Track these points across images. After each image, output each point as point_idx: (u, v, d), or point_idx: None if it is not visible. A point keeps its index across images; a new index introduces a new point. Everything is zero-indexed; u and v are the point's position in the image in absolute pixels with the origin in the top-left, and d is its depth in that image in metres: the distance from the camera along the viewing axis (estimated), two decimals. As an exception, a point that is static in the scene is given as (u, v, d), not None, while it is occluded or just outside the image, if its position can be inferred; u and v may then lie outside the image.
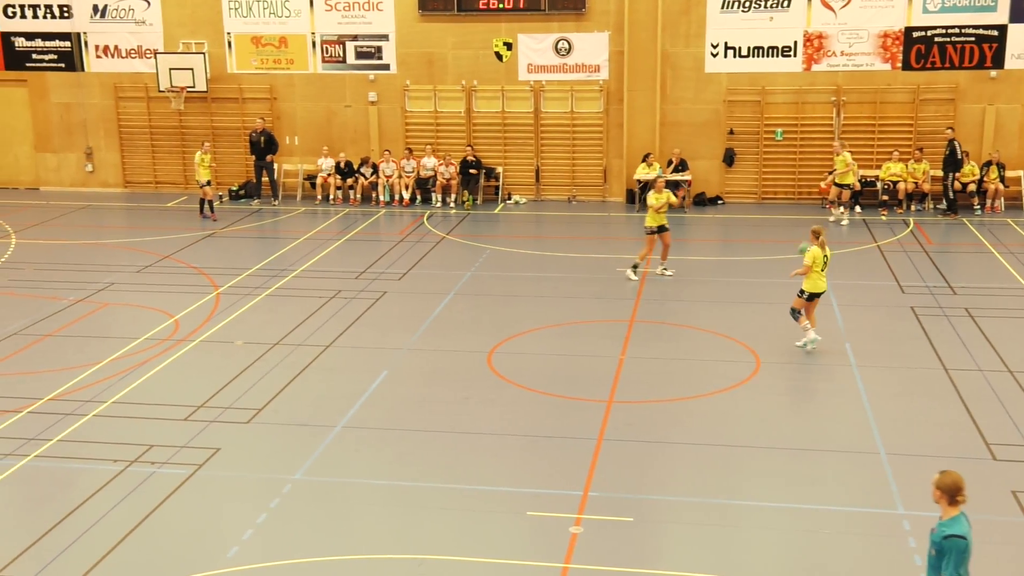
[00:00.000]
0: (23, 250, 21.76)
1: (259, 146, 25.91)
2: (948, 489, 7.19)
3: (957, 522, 7.16)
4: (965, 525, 7.16)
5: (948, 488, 7.19)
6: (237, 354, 15.26)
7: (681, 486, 11.24)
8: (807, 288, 15.02)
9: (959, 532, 7.08)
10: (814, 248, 14.94)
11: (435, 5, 25.70)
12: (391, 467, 11.68)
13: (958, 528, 7.12)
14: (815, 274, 14.93)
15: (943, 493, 7.22)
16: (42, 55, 27.74)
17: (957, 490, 7.17)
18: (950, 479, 7.21)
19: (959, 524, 7.14)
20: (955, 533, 7.08)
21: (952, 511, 7.20)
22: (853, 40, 24.62)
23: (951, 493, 7.18)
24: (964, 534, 7.08)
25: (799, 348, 15.08)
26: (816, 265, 14.89)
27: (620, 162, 25.84)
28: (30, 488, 11.28)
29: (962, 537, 7.06)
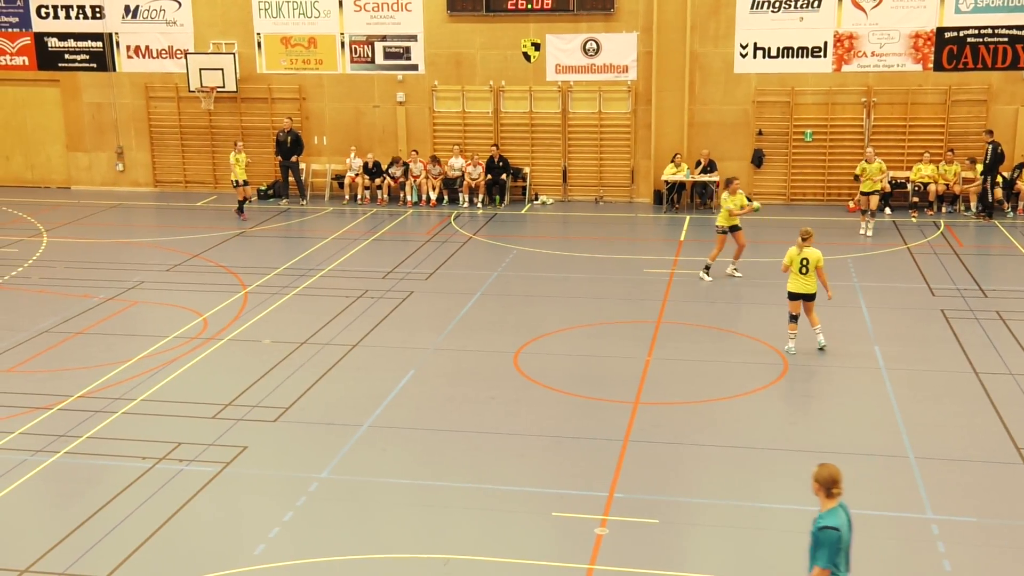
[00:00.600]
0: (54, 248, 21.98)
1: (285, 146, 26.05)
2: (824, 482, 7.32)
3: (833, 514, 7.28)
4: (841, 517, 7.28)
5: (824, 481, 7.32)
6: (265, 353, 15.34)
7: (707, 488, 11.19)
8: (788, 287, 15.03)
9: (833, 524, 7.21)
10: (791, 249, 14.96)
11: (464, 5, 25.74)
12: (417, 466, 11.70)
13: (832, 520, 7.24)
14: (794, 274, 14.90)
15: (820, 486, 7.35)
16: (74, 55, 28.02)
17: (833, 483, 7.29)
18: (827, 472, 7.34)
19: (834, 516, 7.26)
20: (829, 525, 7.21)
21: (829, 503, 7.33)
22: (884, 40, 24.44)
23: (827, 486, 7.31)
24: (838, 526, 7.19)
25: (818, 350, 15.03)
26: (792, 266, 14.86)
27: (648, 163, 25.77)
28: (60, 484, 11.39)
29: (835, 529, 7.18)
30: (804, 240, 14.84)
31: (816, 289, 14.93)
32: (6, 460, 11.82)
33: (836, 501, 7.34)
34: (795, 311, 14.96)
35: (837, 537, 7.20)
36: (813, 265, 14.80)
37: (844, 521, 7.31)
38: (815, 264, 14.80)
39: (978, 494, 10.89)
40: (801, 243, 14.83)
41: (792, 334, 15.01)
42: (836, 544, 7.21)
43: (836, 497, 7.34)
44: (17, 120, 28.83)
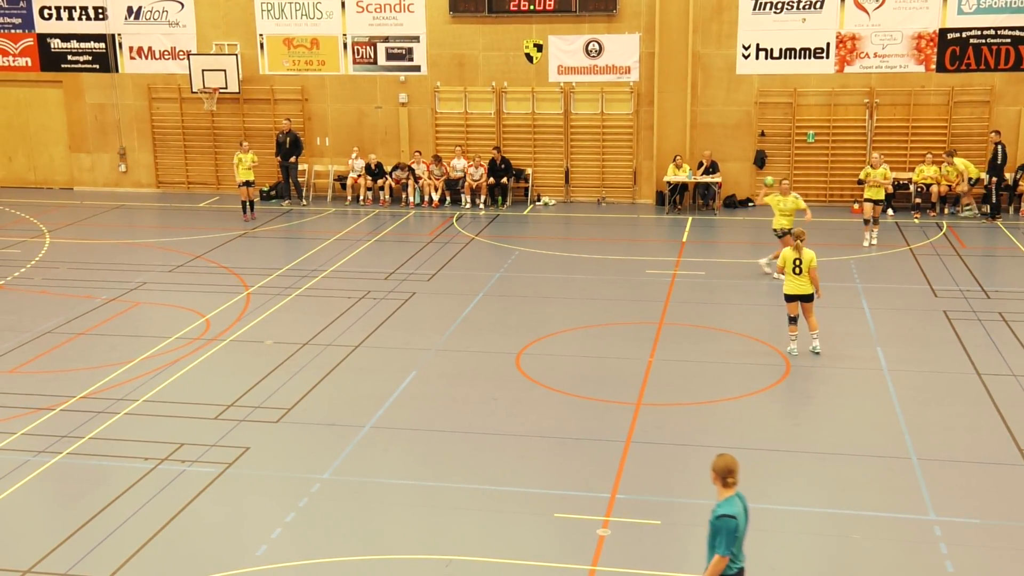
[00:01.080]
0: (57, 249, 21.99)
1: (284, 147, 26.07)
2: (720, 472, 7.53)
3: (730, 503, 7.48)
4: (737, 506, 7.48)
5: (720, 471, 7.53)
6: (267, 354, 15.35)
7: (710, 489, 11.10)
8: (784, 290, 15.03)
9: (730, 512, 7.41)
10: (785, 249, 14.95)
11: (466, 7, 25.74)
12: (419, 467, 11.70)
13: (729, 508, 7.44)
14: (788, 275, 14.87)
15: (717, 475, 7.56)
16: (77, 56, 28.05)
17: (728, 473, 7.50)
18: (722, 462, 7.55)
19: (731, 505, 7.46)
20: (726, 513, 7.41)
21: (726, 492, 7.54)
22: (887, 42, 24.43)
23: (723, 476, 7.52)
24: (734, 514, 7.39)
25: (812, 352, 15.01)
26: (786, 267, 14.84)
27: (650, 164, 25.76)
28: (63, 485, 11.40)
29: (732, 517, 7.37)
30: (798, 241, 14.81)
31: (811, 290, 14.92)
32: (9, 461, 11.83)
33: (733, 490, 7.54)
34: (793, 312, 14.94)
35: (735, 525, 7.37)
36: (806, 266, 14.77)
37: (740, 510, 7.50)
38: (808, 265, 14.76)
39: (980, 495, 10.88)
40: (795, 244, 14.81)
41: (793, 336, 14.98)
42: (734, 532, 7.38)
43: (732, 487, 7.53)
44: (20, 121, 28.87)
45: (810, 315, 15.00)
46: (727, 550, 7.37)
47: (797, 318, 14.97)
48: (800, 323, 15.04)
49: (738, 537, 7.42)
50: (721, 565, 7.41)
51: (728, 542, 7.36)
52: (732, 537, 7.36)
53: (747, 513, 7.60)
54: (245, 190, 24.49)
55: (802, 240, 14.79)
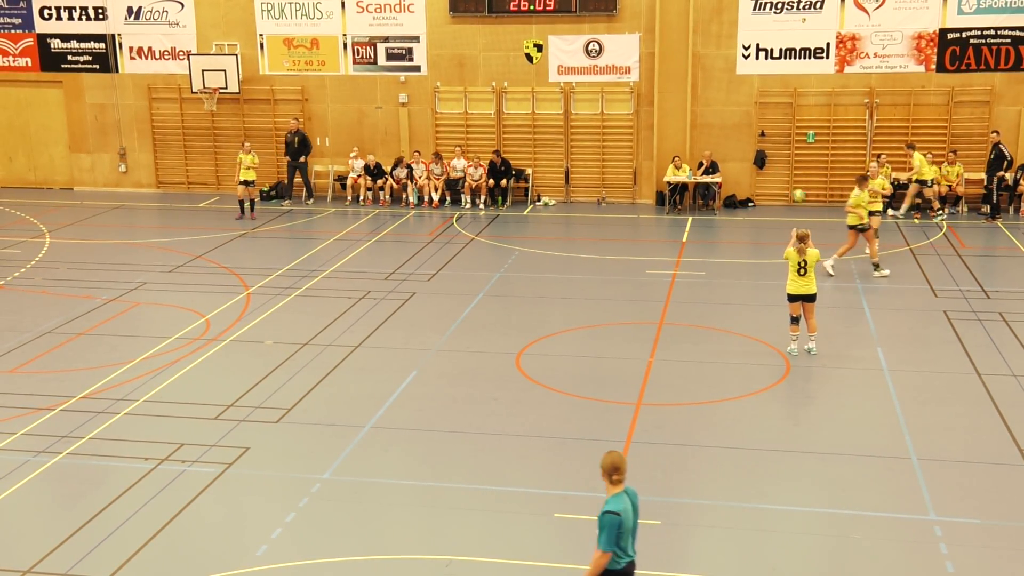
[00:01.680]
0: (57, 249, 21.99)
1: (293, 147, 26.08)
2: (607, 469, 7.63)
3: (617, 499, 7.58)
4: (623, 502, 7.58)
5: (607, 468, 7.63)
6: (267, 354, 15.35)
7: (710, 489, 11.19)
8: (787, 290, 14.97)
9: (614, 508, 7.51)
10: (788, 249, 14.91)
11: (466, 7, 25.74)
12: (419, 467, 11.70)
13: (614, 505, 7.54)
14: (792, 275, 14.84)
15: (604, 473, 7.66)
16: (77, 56, 28.04)
17: (614, 470, 7.61)
18: (608, 459, 7.65)
19: (617, 501, 7.57)
20: (609, 509, 7.52)
21: (613, 489, 7.64)
22: (887, 42, 24.43)
23: (609, 473, 7.62)
24: (618, 511, 7.50)
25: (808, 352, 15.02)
26: (792, 267, 14.81)
27: (650, 164, 25.76)
28: (63, 485, 11.40)
29: (615, 513, 7.48)
30: (802, 241, 14.80)
31: (816, 290, 14.92)
32: (9, 461, 11.83)
33: (620, 487, 7.64)
34: (796, 313, 14.93)
35: (619, 521, 7.48)
36: (812, 265, 14.79)
37: (627, 506, 7.61)
38: (814, 264, 14.78)
39: (981, 496, 10.88)
40: (800, 244, 14.79)
41: (794, 336, 14.98)
42: (617, 528, 7.49)
43: (619, 483, 7.64)
44: (20, 121, 28.86)
45: (811, 316, 14.99)
46: (608, 546, 7.49)
47: (799, 318, 14.96)
48: (800, 323, 15.03)
49: (623, 533, 7.54)
50: (602, 561, 7.54)
51: (610, 538, 7.48)
52: (614, 533, 7.48)
53: (636, 509, 7.72)
54: (244, 189, 24.51)
55: (806, 241, 14.78)
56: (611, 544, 7.47)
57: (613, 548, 7.48)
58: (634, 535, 7.72)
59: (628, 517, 7.58)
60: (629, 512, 7.60)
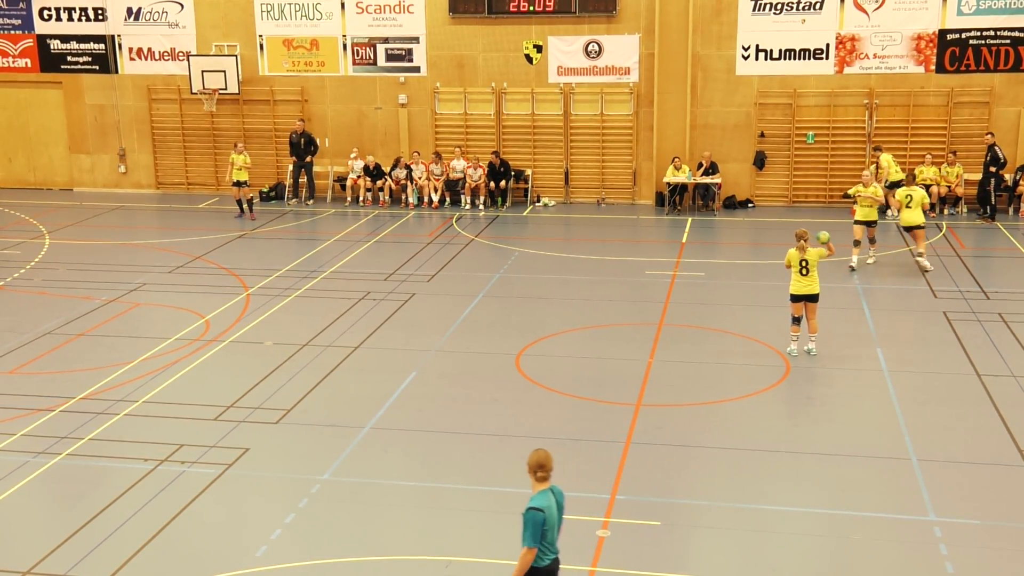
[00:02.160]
0: (56, 250, 21.99)
1: (299, 147, 26.09)
2: (532, 466, 7.75)
3: (541, 496, 7.69)
4: (547, 499, 7.68)
5: (532, 465, 7.75)
6: (267, 355, 15.35)
7: (709, 490, 11.18)
8: (790, 290, 14.92)
9: (537, 505, 7.61)
10: (791, 250, 14.87)
11: (466, 7, 25.74)
12: (419, 468, 11.70)
13: (538, 501, 7.64)
14: (795, 276, 14.81)
15: (529, 470, 7.78)
16: (77, 57, 28.04)
17: (539, 467, 7.71)
18: (535, 457, 7.76)
19: (541, 498, 7.67)
20: (533, 506, 7.62)
21: (539, 486, 7.75)
22: (886, 43, 24.44)
23: (534, 470, 7.73)
24: (542, 507, 7.59)
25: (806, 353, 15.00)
26: (793, 268, 14.78)
27: (650, 165, 25.76)
28: (62, 486, 11.40)
29: (539, 510, 7.58)
30: (802, 241, 14.80)
31: (818, 289, 14.92)
32: (8, 462, 11.83)
33: (546, 484, 7.75)
34: (797, 313, 14.93)
35: (542, 518, 7.58)
36: (814, 264, 14.79)
37: (552, 503, 7.70)
38: (815, 263, 14.79)
39: (981, 496, 10.88)
40: (800, 244, 14.79)
41: (794, 336, 14.98)
42: (540, 525, 7.58)
43: (544, 480, 7.73)
44: (20, 122, 28.86)
45: (813, 316, 14.99)
46: (532, 542, 7.59)
47: (800, 319, 14.95)
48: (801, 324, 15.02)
49: (547, 530, 7.63)
50: (528, 557, 7.63)
51: (534, 534, 7.57)
52: (538, 530, 7.57)
53: (561, 506, 7.83)
54: (237, 190, 24.55)
55: (806, 240, 14.78)
56: (535, 540, 7.58)
57: (538, 544, 7.60)
58: (558, 532, 7.84)
59: (552, 514, 7.70)
60: (553, 509, 7.72)
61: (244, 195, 24.69)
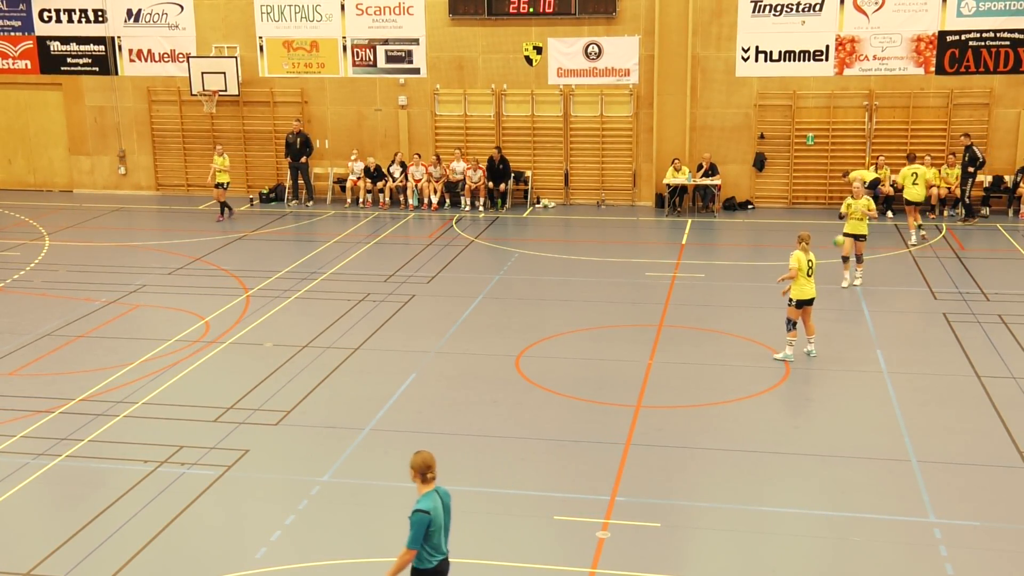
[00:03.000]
0: (56, 252, 21.99)
1: (295, 148, 26.09)
2: (418, 468, 7.75)
3: (427, 498, 7.72)
4: (433, 501, 7.71)
5: (418, 467, 7.75)
6: (267, 356, 15.34)
7: (709, 492, 11.18)
8: (794, 295, 14.73)
9: (423, 507, 7.64)
10: (797, 252, 14.72)
11: (466, 9, 25.75)
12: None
13: (424, 503, 7.67)
14: (802, 279, 14.69)
15: (415, 472, 7.78)
16: (77, 59, 28.05)
17: (426, 468, 7.74)
18: (419, 458, 7.77)
19: (426, 500, 7.70)
20: (419, 508, 7.65)
21: (424, 488, 7.77)
22: (886, 44, 24.44)
23: (421, 472, 7.75)
24: (428, 509, 7.63)
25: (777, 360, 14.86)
26: (802, 270, 14.71)
27: (650, 166, 25.77)
28: (62, 487, 11.39)
29: (425, 512, 7.62)
30: (805, 243, 14.77)
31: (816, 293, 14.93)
32: (8, 463, 11.82)
33: (431, 485, 7.77)
34: (796, 317, 14.85)
35: (427, 520, 7.62)
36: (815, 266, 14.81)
37: (438, 505, 7.74)
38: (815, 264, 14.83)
39: (980, 498, 10.88)
40: (802, 247, 14.76)
41: (792, 340, 14.89)
42: (425, 526, 7.62)
43: (431, 482, 7.76)
44: (20, 123, 28.86)
45: (809, 318, 14.98)
46: (414, 544, 7.60)
47: (798, 323, 14.90)
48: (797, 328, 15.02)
49: (433, 531, 7.65)
50: (407, 557, 7.66)
51: (416, 536, 7.60)
52: (422, 531, 7.60)
53: (448, 508, 7.86)
54: (219, 192, 24.66)
55: (808, 243, 14.78)
56: (417, 542, 7.60)
57: (419, 546, 7.61)
58: (446, 533, 7.85)
59: (438, 515, 7.72)
60: (439, 511, 7.74)
61: (222, 197, 24.71)
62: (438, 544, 7.77)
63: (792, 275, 14.66)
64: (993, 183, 24.37)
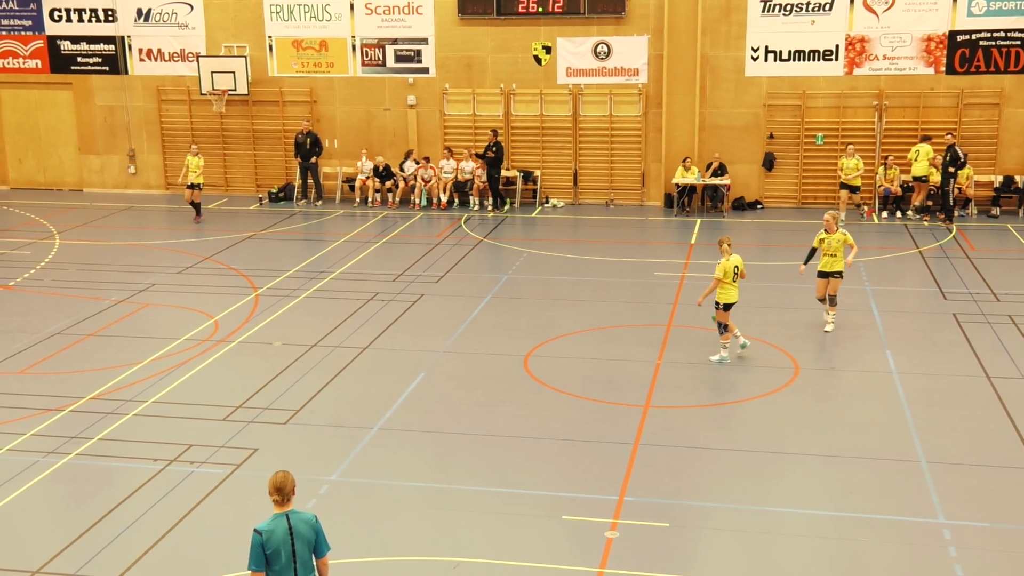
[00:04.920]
0: (66, 251, 22.05)
1: (304, 147, 26.13)
2: (268, 490, 7.44)
3: (270, 520, 7.40)
4: (273, 523, 7.35)
5: (268, 489, 7.44)
6: (275, 355, 15.37)
7: (718, 492, 11.17)
8: (720, 299, 14.80)
9: (258, 528, 7.34)
10: (721, 261, 14.86)
11: (474, 9, 25.75)
12: (427, 469, 11.71)
13: (262, 525, 7.37)
14: (727, 284, 14.75)
15: (268, 492, 7.46)
16: (87, 58, 28.13)
17: (274, 490, 7.40)
18: (271, 480, 7.44)
19: (267, 522, 7.38)
20: (255, 528, 7.36)
21: (274, 509, 7.45)
22: (896, 44, 24.38)
23: (269, 494, 7.44)
24: (261, 530, 7.32)
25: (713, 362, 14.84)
26: (727, 276, 14.74)
27: (659, 166, 25.74)
28: (71, 486, 11.43)
29: (257, 532, 7.31)
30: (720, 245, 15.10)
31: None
32: (18, 462, 11.86)
33: (278, 508, 7.43)
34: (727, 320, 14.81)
35: (258, 541, 7.29)
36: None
37: (278, 528, 7.34)
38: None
39: (990, 499, 10.85)
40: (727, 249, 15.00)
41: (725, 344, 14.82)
42: (257, 547, 7.28)
43: (277, 504, 7.43)
44: (30, 122, 28.96)
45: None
46: (251, 565, 7.32)
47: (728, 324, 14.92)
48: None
49: (271, 555, 7.29)
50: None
51: (251, 557, 7.30)
52: (256, 553, 7.27)
53: (299, 536, 7.37)
54: (191, 192, 24.61)
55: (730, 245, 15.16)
56: (252, 563, 7.30)
57: (255, 568, 7.29)
58: (296, 563, 7.36)
59: (274, 540, 7.28)
60: (278, 536, 7.30)
61: (195, 197, 24.68)
62: (280, 571, 7.32)
63: (715, 285, 14.81)
64: (1004, 183, 24.29)
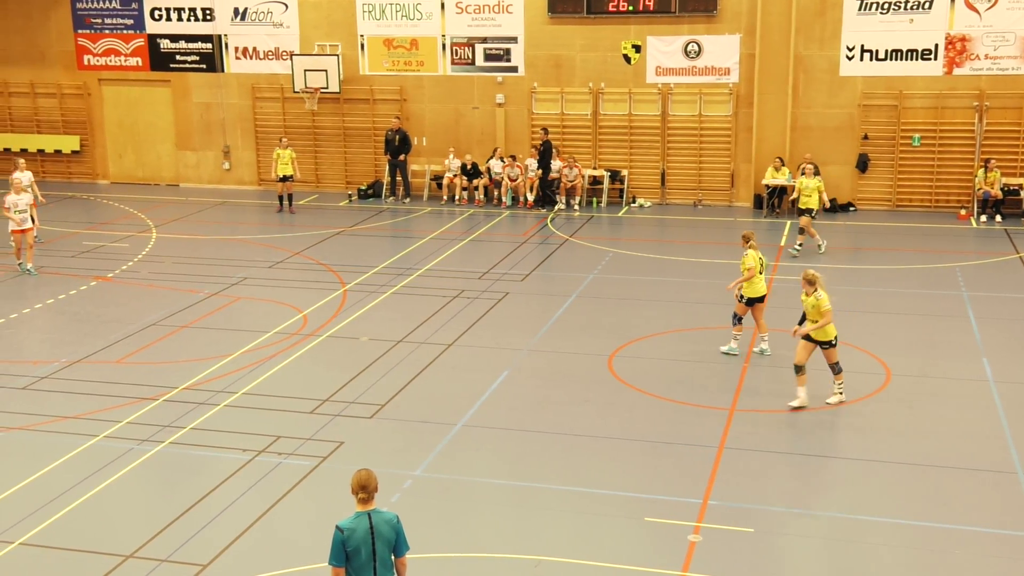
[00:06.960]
0: (163, 244, 22.62)
1: (394, 144, 26.40)
2: (352, 487, 7.45)
3: (352, 518, 7.41)
4: (354, 522, 7.37)
5: (352, 486, 7.45)
6: (362, 350, 15.55)
7: (804, 498, 10.98)
8: (746, 293, 14.78)
9: (340, 525, 7.39)
10: (749, 252, 14.81)
11: (564, 7, 25.72)
12: (510, 467, 11.73)
13: (344, 522, 7.40)
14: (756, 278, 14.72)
15: (351, 490, 7.49)
16: (185, 56, 28.82)
17: (359, 488, 7.43)
18: (354, 477, 7.47)
19: (350, 520, 7.40)
20: (337, 524, 7.40)
21: (357, 507, 7.45)
22: (999, 43, 23.66)
23: (354, 491, 7.46)
24: (343, 527, 7.36)
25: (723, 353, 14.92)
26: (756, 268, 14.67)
27: (748, 166, 25.40)
28: (164, 473, 11.72)
29: (339, 530, 7.36)
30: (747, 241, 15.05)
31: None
32: (113, 449, 12.21)
33: (362, 506, 7.45)
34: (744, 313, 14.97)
35: (339, 539, 7.33)
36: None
37: (360, 527, 7.36)
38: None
39: (1091, 514, 10.47)
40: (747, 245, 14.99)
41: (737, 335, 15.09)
42: (338, 545, 7.33)
43: (362, 502, 7.46)
44: (130, 119, 29.77)
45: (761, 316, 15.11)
46: (332, 560, 7.37)
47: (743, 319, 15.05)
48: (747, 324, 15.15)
49: (351, 553, 7.32)
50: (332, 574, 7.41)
51: (332, 553, 7.35)
52: (334, 549, 7.33)
53: (380, 535, 7.38)
54: (282, 185, 25.17)
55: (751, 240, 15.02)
56: (333, 558, 7.35)
57: (335, 564, 7.35)
58: (376, 561, 7.37)
59: (355, 538, 7.31)
60: (359, 534, 7.33)
61: (287, 190, 25.18)
62: (360, 568, 7.35)
63: (750, 277, 14.75)
64: None
